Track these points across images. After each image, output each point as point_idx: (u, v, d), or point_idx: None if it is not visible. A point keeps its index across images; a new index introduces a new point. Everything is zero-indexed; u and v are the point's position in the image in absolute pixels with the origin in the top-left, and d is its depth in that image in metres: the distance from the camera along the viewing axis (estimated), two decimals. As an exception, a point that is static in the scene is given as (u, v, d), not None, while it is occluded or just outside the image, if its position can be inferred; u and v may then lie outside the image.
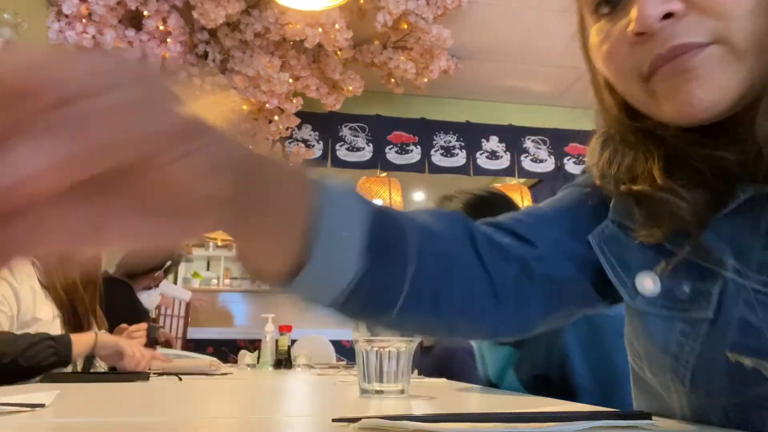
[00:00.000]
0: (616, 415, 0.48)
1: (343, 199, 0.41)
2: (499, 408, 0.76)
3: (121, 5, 3.05)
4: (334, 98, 3.75)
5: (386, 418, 0.44)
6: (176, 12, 3.20)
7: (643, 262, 0.51)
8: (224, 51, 3.44)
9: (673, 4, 0.43)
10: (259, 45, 3.39)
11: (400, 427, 0.43)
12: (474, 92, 4.59)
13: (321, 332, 3.86)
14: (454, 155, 4.54)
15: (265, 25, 3.26)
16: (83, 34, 3.00)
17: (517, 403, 0.82)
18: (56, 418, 0.58)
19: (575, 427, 0.43)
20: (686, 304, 0.48)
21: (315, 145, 4.35)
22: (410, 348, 0.84)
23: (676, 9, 0.43)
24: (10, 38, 2.37)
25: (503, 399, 0.92)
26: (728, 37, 0.43)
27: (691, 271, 0.48)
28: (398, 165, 4.45)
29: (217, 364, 1.69)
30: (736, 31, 0.42)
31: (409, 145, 4.49)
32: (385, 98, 4.48)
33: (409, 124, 4.53)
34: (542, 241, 0.55)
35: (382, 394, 0.80)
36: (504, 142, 4.62)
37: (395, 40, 3.61)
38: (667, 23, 0.44)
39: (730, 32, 0.42)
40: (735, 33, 0.42)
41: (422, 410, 0.70)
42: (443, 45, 3.45)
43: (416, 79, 3.74)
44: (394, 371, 0.81)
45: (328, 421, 0.51)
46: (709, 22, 0.43)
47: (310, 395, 0.97)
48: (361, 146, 4.43)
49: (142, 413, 0.64)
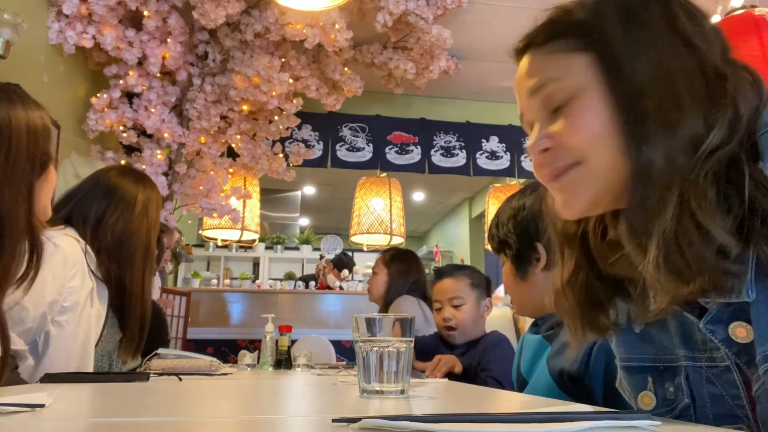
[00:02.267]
0: (617, 415, 0.48)
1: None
2: (500, 408, 0.76)
3: (121, 5, 3.05)
4: (334, 98, 3.75)
5: (386, 418, 0.44)
6: (176, 12, 3.20)
7: (639, 385, 0.66)
8: (224, 51, 3.44)
9: (544, 142, 0.65)
10: (259, 45, 3.39)
11: (400, 427, 0.43)
12: (474, 92, 4.59)
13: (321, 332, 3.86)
14: (454, 155, 4.54)
15: (265, 25, 3.26)
16: (83, 34, 3.00)
17: (517, 404, 0.82)
18: (56, 418, 0.57)
19: (575, 427, 0.43)
20: (675, 401, 0.61)
21: (315, 145, 4.35)
22: (410, 348, 0.84)
23: (548, 145, 0.65)
24: (10, 38, 2.37)
25: (503, 399, 0.92)
26: (585, 161, 0.61)
27: (664, 374, 0.62)
28: (398, 165, 4.45)
29: (217, 364, 1.69)
30: (590, 156, 0.60)
31: (409, 145, 4.49)
32: (385, 98, 4.48)
33: (409, 124, 4.53)
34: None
35: (382, 394, 0.80)
36: (504, 142, 4.62)
37: (395, 41, 3.60)
38: (546, 154, 0.65)
39: (585, 158, 0.61)
40: (590, 158, 0.60)
41: (422, 410, 0.70)
42: (443, 45, 3.45)
43: (416, 79, 3.74)
44: (394, 371, 0.81)
45: (328, 421, 0.51)
46: (571, 151, 0.62)
47: (310, 395, 0.97)
48: (361, 146, 4.43)
49: (142, 413, 0.64)
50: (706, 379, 0.58)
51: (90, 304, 1.35)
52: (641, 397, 0.65)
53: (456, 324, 1.87)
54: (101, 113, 3.26)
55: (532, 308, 1.18)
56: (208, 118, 3.42)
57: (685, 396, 0.60)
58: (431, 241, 8.59)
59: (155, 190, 1.58)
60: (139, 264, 1.47)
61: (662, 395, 0.63)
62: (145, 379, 1.18)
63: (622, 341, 0.68)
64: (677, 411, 0.61)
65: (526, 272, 1.13)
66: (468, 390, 1.07)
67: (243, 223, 3.98)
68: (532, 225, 1.10)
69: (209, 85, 3.40)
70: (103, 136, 3.43)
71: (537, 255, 1.11)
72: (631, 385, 0.67)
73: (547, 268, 1.10)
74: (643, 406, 0.65)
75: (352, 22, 3.34)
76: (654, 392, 0.64)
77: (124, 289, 1.44)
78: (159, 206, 1.57)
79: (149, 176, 1.70)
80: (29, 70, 2.79)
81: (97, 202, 1.46)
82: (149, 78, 3.29)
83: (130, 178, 1.55)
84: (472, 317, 1.88)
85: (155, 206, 1.55)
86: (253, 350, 2.40)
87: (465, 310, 1.87)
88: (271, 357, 2.12)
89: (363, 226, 4.25)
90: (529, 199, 1.12)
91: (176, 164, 3.46)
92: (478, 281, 1.95)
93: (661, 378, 0.63)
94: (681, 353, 0.60)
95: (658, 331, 0.63)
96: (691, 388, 0.59)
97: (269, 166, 3.84)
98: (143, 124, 3.29)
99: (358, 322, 0.83)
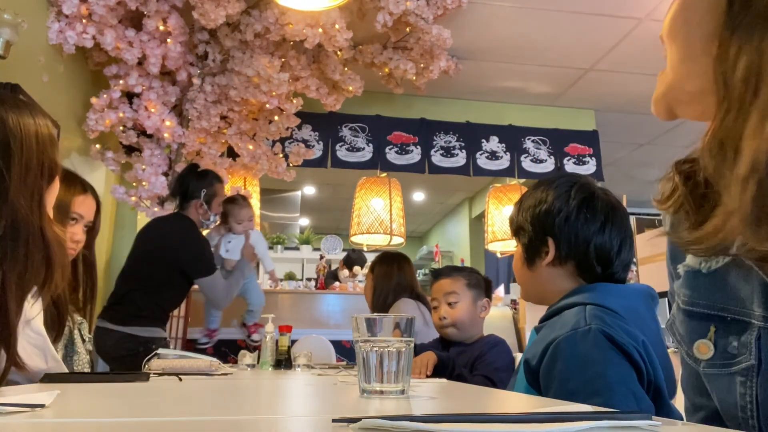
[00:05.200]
0: (617, 415, 0.48)
1: None
2: (500, 408, 0.76)
3: (121, 5, 3.05)
4: (334, 98, 3.75)
5: (386, 418, 0.44)
6: (176, 12, 3.20)
7: (698, 331, 0.60)
8: (224, 51, 3.44)
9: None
10: (259, 45, 3.39)
11: (400, 427, 0.43)
12: (474, 92, 4.59)
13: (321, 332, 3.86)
14: (454, 155, 4.53)
15: (265, 25, 3.25)
16: (83, 34, 3.00)
17: (517, 404, 0.82)
18: (56, 418, 0.57)
19: (575, 427, 0.43)
20: (738, 357, 0.56)
21: (315, 146, 4.34)
22: (410, 348, 0.84)
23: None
24: (10, 38, 2.37)
25: (503, 399, 0.92)
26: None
27: (731, 327, 0.57)
28: (398, 165, 4.44)
29: (217, 364, 1.69)
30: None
31: (409, 146, 4.49)
32: (385, 98, 4.48)
33: (409, 124, 4.53)
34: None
35: (382, 394, 0.80)
36: (504, 142, 4.62)
37: (395, 41, 3.60)
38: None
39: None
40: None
41: (422, 410, 0.70)
42: (443, 45, 3.45)
43: (416, 79, 3.74)
44: (394, 371, 0.81)
45: (328, 421, 0.51)
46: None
47: (310, 395, 0.97)
48: (361, 146, 4.43)
49: (142, 413, 0.64)
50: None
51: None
52: (697, 345, 0.60)
53: (452, 321, 1.88)
54: (101, 113, 3.26)
55: (533, 296, 1.21)
56: (208, 118, 3.42)
57: (752, 357, 0.54)
58: (431, 241, 8.60)
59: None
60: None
61: (723, 347, 0.57)
62: (145, 379, 1.18)
63: (690, 282, 0.62)
64: (738, 368, 0.56)
65: (533, 262, 1.16)
66: (468, 390, 1.07)
67: (243, 223, 3.98)
68: (548, 219, 1.12)
69: (209, 85, 3.40)
70: (103, 136, 3.43)
71: (546, 249, 1.13)
72: (689, 331, 0.61)
73: (552, 265, 1.12)
74: (699, 354, 0.60)
75: (352, 22, 3.34)
76: (714, 342, 0.58)
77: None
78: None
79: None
80: (29, 70, 2.79)
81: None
82: (149, 78, 3.29)
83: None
84: (468, 315, 1.89)
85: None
86: (254, 350, 2.40)
87: (460, 308, 1.89)
88: (271, 357, 2.12)
89: (363, 226, 4.25)
90: (552, 194, 1.14)
91: (176, 164, 3.46)
92: (475, 281, 1.96)
93: (727, 329, 0.57)
94: (758, 312, 0.54)
95: (737, 280, 0.56)
96: (761, 350, 0.54)
97: (269, 166, 3.84)
98: (143, 124, 3.29)
99: (358, 322, 0.83)
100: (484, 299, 1.95)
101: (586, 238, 1.09)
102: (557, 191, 1.13)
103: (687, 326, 0.61)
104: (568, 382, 0.94)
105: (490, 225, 4.56)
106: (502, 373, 1.74)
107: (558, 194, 1.13)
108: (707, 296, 0.59)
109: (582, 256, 1.10)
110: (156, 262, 2.70)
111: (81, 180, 1.59)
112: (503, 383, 1.61)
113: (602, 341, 0.95)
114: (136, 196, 3.36)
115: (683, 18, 0.58)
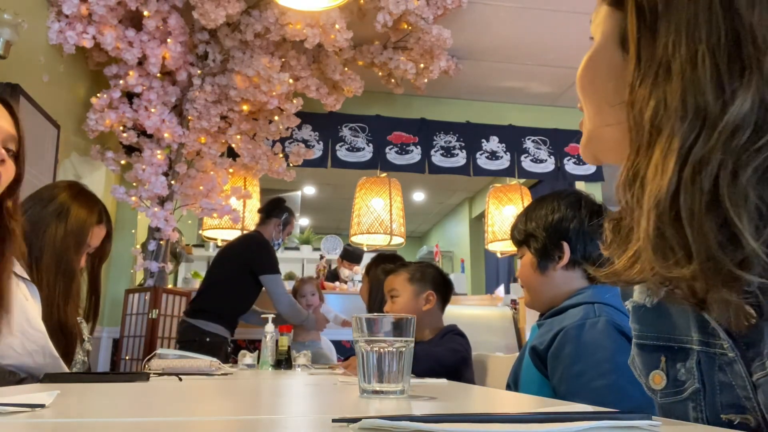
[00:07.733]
0: (617, 415, 0.48)
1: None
2: (500, 408, 0.76)
3: (121, 5, 3.05)
4: (334, 98, 3.75)
5: (386, 418, 0.44)
6: (176, 12, 3.20)
7: (651, 363, 0.65)
8: (224, 51, 3.44)
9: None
10: (259, 45, 3.39)
11: (400, 427, 0.43)
12: (474, 92, 4.59)
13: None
14: (454, 155, 4.53)
15: (265, 25, 3.26)
16: (83, 34, 3.00)
17: (517, 404, 0.83)
18: (56, 418, 0.57)
19: (575, 427, 0.43)
20: (686, 383, 0.60)
21: (315, 145, 4.34)
22: (410, 348, 0.84)
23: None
24: (10, 38, 2.37)
25: (503, 399, 0.92)
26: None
27: (678, 355, 0.61)
28: (398, 165, 4.44)
29: (217, 364, 1.69)
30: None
31: (409, 146, 4.49)
32: (385, 98, 4.48)
33: (409, 124, 4.53)
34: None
35: (382, 395, 0.80)
36: (504, 142, 4.62)
37: (395, 41, 3.60)
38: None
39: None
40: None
41: (422, 410, 0.70)
42: (443, 45, 3.45)
43: (416, 79, 3.74)
44: (394, 371, 0.81)
45: (328, 421, 0.51)
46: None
47: (310, 395, 0.97)
48: (361, 146, 4.43)
49: (142, 413, 0.64)
50: (718, 366, 0.57)
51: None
52: (652, 376, 0.64)
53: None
54: (101, 113, 3.26)
55: (543, 302, 1.27)
56: (208, 118, 3.42)
57: (696, 381, 0.59)
58: (431, 241, 8.60)
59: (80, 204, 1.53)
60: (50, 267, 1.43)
61: (673, 376, 0.62)
62: (145, 379, 1.18)
63: (637, 317, 0.66)
64: (686, 394, 0.60)
65: (546, 267, 1.24)
66: (468, 390, 1.07)
67: (243, 224, 3.98)
68: (563, 224, 1.22)
69: (209, 85, 3.40)
70: (103, 136, 3.43)
71: (560, 253, 1.21)
72: (644, 363, 0.66)
73: (566, 268, 1.21)
74: (654, 385, 0.64)
75: (352, 22, 3.34)
76: (666, 372, 0.63)
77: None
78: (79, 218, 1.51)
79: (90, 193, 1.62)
80: (29, 70, 2.79)
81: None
82: (149, 78, 3.29)
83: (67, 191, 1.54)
84: (408, 310, 1.89)
85: (75, 216, 1.50)
86: (253, 350, 2.40)
87: (398, 303, 1.94)
88: (271, 357, 2.12)
89: (363, 226, 4.25)
90: (564, 203, 1.24)
91: (176, 164, 3.46)
92: (420, 275, 1.97)
93: (674, 358, 0.62)
94: (695, 337, 0.59)
95: (677, 310, 0.62)
96: (702, 373, 0.58)
97: (269, 166, 3.84)
98: (143, 124, 3.29)
99: (358, 322, 0.83)
100: (427, 292, 1.94)
101: (598, 242, 1.18)
102: (568, 200, 1.24)
103: (641, 359, 0.66)
104: (575, 365, 1.03)
105: (490, 225, 4.56)
106: (446, 362, 1.73)
107: (569, 203, 1.23)
108: (654, 328, 0.64)
109: (596, 258, 1.16)
110: (227, 262, 3.18)
111: (100, 208, 1.59)
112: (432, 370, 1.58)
113: (612, 330, 1.04)
114: (136, 196, 3.36)
115: (588, 78, 0.62)
